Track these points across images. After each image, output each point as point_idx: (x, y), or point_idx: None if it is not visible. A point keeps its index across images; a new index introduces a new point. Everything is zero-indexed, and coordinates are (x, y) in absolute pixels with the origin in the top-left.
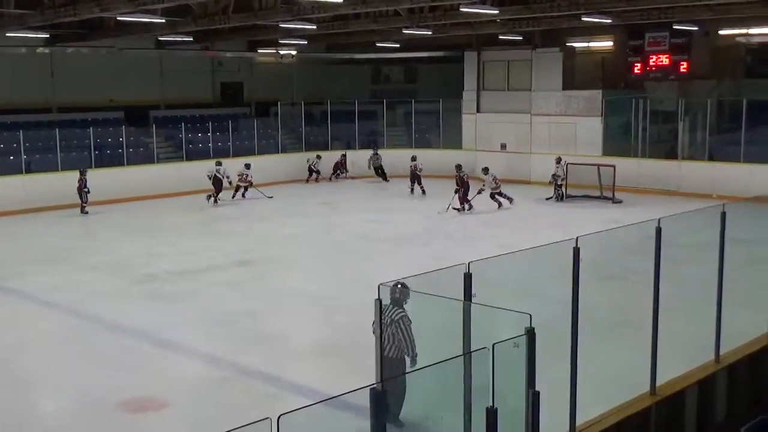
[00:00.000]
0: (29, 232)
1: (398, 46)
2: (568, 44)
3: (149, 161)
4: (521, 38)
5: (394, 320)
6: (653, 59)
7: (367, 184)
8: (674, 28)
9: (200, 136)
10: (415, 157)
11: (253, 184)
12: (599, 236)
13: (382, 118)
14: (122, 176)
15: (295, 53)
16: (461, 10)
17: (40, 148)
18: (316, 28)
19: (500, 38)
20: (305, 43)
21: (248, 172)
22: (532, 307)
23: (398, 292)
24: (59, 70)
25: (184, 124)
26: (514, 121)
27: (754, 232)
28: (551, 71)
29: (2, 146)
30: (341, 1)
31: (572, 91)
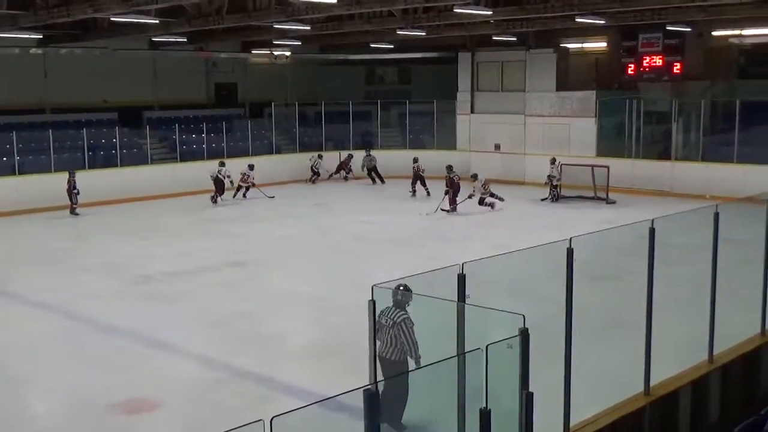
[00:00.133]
0: (22, 233)
1: (392, 47)
2: (561, 45)
3: (143, 162)
4: (515, 39)
5: (396, 322)
6: (647, 60)
7: (365, 185)
8: (667, 29)
9: (194, 137)
10: (417, 158)
11: (255, 184)
12: (593, 237)
13: (376, 119)
14: (116, 177)
15: (289, 54)
16: (455, 11)
17: (33, 149)
18: (310, 28)
19: (494, 39)
20: (299, 43)
21: (251, 173)
22: (526, 307)
23: (400, 294)
24: (52, 70)
25: (177, 124)
26: (508, 121)
27: (747, 232)
28: (545, 72)
29: None
30: (335, 1)
31: (566, 92)
